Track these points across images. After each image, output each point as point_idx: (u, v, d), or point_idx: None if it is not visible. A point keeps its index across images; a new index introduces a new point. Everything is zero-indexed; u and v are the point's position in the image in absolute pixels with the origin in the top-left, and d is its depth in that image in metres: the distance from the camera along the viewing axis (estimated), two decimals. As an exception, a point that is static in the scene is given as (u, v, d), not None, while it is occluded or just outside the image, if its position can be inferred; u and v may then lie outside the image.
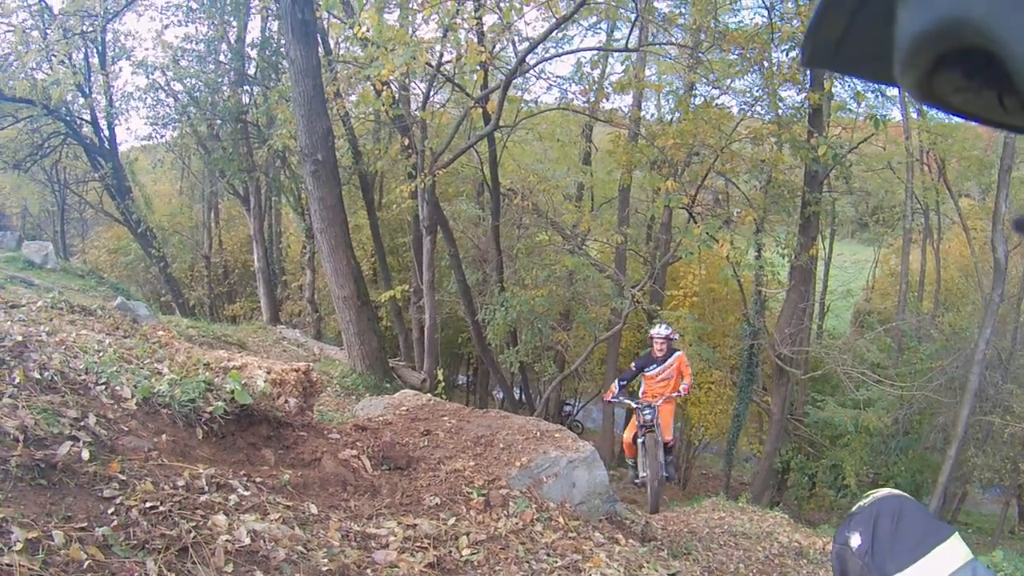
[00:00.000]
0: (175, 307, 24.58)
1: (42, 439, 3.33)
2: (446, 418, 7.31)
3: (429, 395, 9.43)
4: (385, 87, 14.63)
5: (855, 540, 1.68)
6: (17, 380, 3.86)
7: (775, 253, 17.78)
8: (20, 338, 4.51)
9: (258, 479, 4.21)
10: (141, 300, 14.12)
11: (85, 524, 2.94)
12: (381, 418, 7.46)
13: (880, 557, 1.63)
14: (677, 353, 10.18)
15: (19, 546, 2.59)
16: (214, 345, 10.75)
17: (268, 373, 5.61)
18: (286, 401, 5.63)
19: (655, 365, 10.04)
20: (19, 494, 2.93)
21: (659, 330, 10.09)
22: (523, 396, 22.38)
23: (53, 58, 20.36)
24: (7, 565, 2.47)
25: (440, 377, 14.33)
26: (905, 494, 1.73)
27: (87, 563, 2.69)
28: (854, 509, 1.78)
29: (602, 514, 6.41)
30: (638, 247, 23.43)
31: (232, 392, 4.93)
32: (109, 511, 3.09)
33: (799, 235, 17.17)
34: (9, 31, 19.60)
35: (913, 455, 22.20)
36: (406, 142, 16.78)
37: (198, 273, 30.78)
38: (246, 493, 3.94)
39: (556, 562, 4.72)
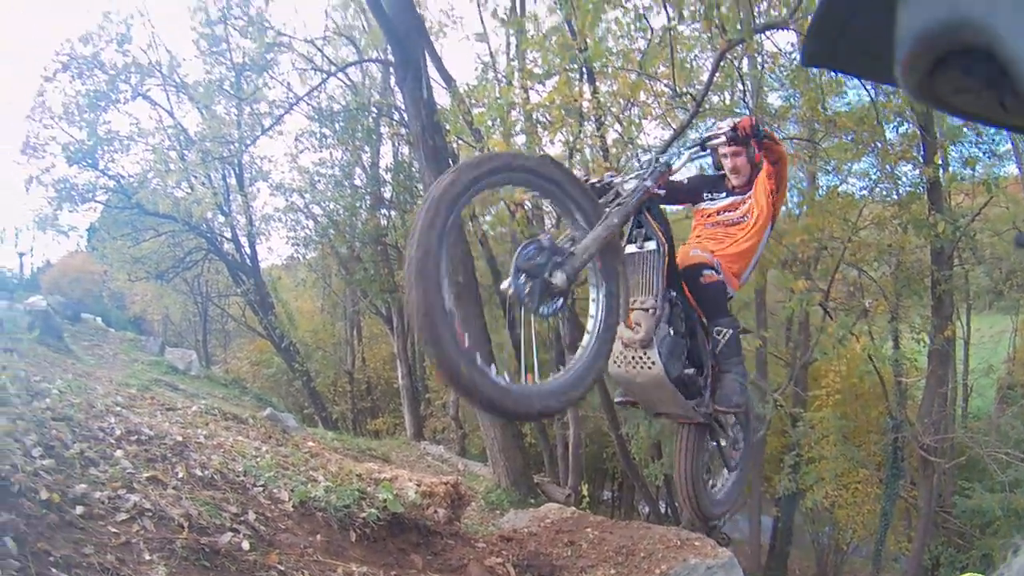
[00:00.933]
0: (318, 420, 25.04)
1: (204, 528, 3.85)
2: (589, 529, 7.48)
3: (573, 508, 9.55)
4: (518, 208, 15.11)
5: None
6: (180, 475, 4.40)
7: (911, 339, 17.36)
8: (180, 439, 5.09)
9: (407, 578, 4.56)
10: (287, 411, 14.72)
11: None
12: (526, 529, 7.69)
13: None
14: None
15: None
16: (359, 458, 11.18)
17: (418, 485, 6.03)
18: (435, 511, 6.01)
19: (722, 194, 5.24)
20: (184, 572, 3.37)
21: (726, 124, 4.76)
22: (668, 509, 22.10)
23: (193, 178, 21.76)
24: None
25: (584, 492, 14.35)
26: None
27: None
28: None
29: (741, 621, 6.43)
30: (778, 349, 23.12)
31: (384, 501, 5.35)
32: None
33: (932, 317, 16.75)
34: (148, 150, 21.17)
35: (1072, 537, 20.82)
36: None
37: (341, 388, 31.27)
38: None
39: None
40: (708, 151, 4.81)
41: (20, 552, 3.00)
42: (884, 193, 17.52)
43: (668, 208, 5.20)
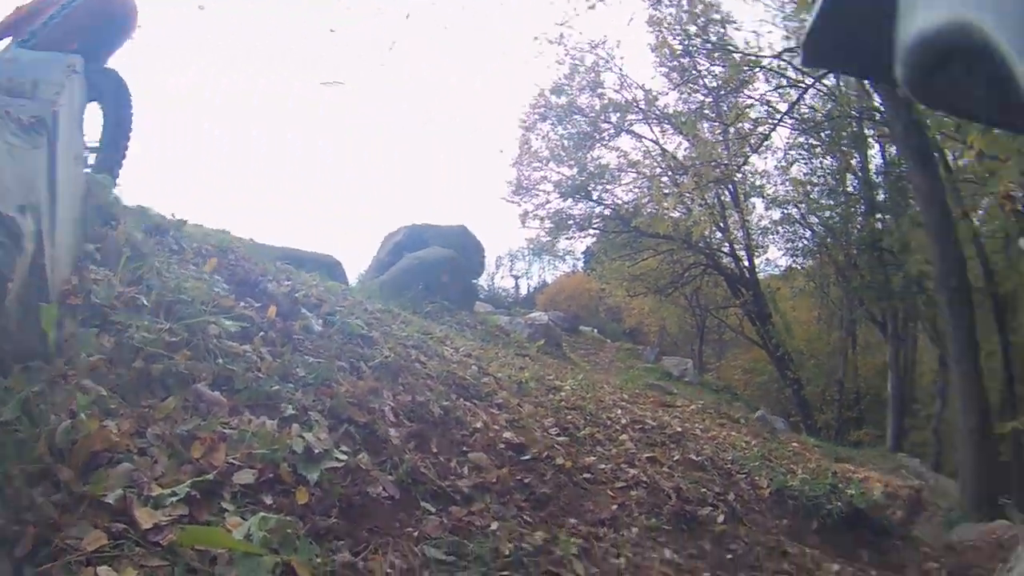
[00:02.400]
0: (803, 427, 24.95)
1: (689, 499, 4.65)
2: (1021, 547, 7.19)
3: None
4: (1007, 200, 14.30)
5: None
6: (677, 457, 5.35)
7: None
8: (679, 429, 6.07)
9: (850, 568, 4.96)
10: (778, 416, 15.00)
11: (707, 563, 4.14)
12: (971, 542, 7.55)
13: None
14: None
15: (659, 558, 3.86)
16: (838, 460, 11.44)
17: (885, 486, 6.35)
18: (894, 512, 6.27)
19: None
20: (665, 531, 4.20)
21: None
22: None
23: (688, 199, 22.89)
24: (647, 565, 3.73)
25: (1057, 522, 13.22)
26: None
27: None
28: None
29: None
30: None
31: (852, 496, 5.78)
32: (728, 557, 4.23)
33: None
34: (639, 178, 22.69)
35: None
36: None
37: (829, 397, 30.59)
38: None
39: None
40: None
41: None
42: None
43: None
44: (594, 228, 26.29)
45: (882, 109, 17.97)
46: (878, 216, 23.27)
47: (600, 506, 4.31)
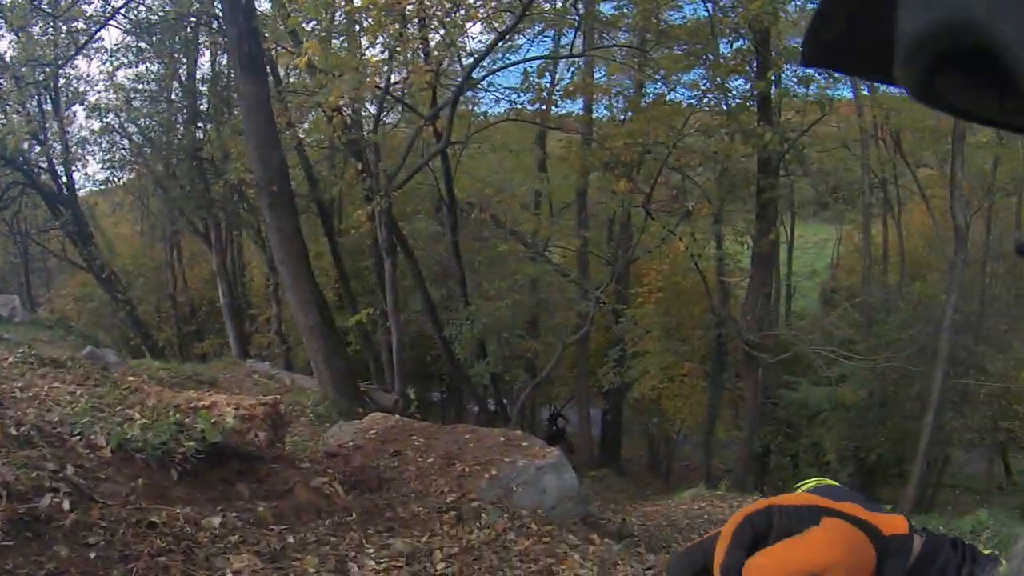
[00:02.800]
0: (144, 350, 24.20)
1: (24, 493, 3.50)
2: (415, 437, 7.41)
3: (398, 416, 9.49)
4: (336, 113, 14.71)
5: None
6: None
7: (735, 242, 17.99)
8: None
9: (234, 514, 4.35)
10: (110, 347, 14.08)
11: (74, 573, 3.11)
12: (351, 443, 7.56)
13: None
14: None
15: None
16: (185, 385, 10.76)
17: (236, 409, 5.75)
18: (256, 435, 5.76)
19: None
20: (8, 548, 3.10)
21: None
22: (497, 407, 22.47)
23: (7, 108, 20.32)
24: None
25: (413, 396, 14.39)
26: (835, 483, 1.69)
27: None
28: None
29: (575, 516, 6.46)
30: (599, 249, 23.56)
31: (203, 431, 5.05)
32: (92, 556, 3.27)
33: (757, 222, 17.37)
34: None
35: (892, 426, 22.31)
36: (360, 166, 16.89)
37: (165, 313, 30.43)
38: (223, 529, 4.09)
39: (530, 568, 4.84)
40: None
41: None
42: (712, 103, 17.84)
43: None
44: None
45: (220, 14, 17.35)
46: (199, 125, 22.91)
47: None
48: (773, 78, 15.91)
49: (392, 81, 16.87)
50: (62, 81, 21.48)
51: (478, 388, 20.70)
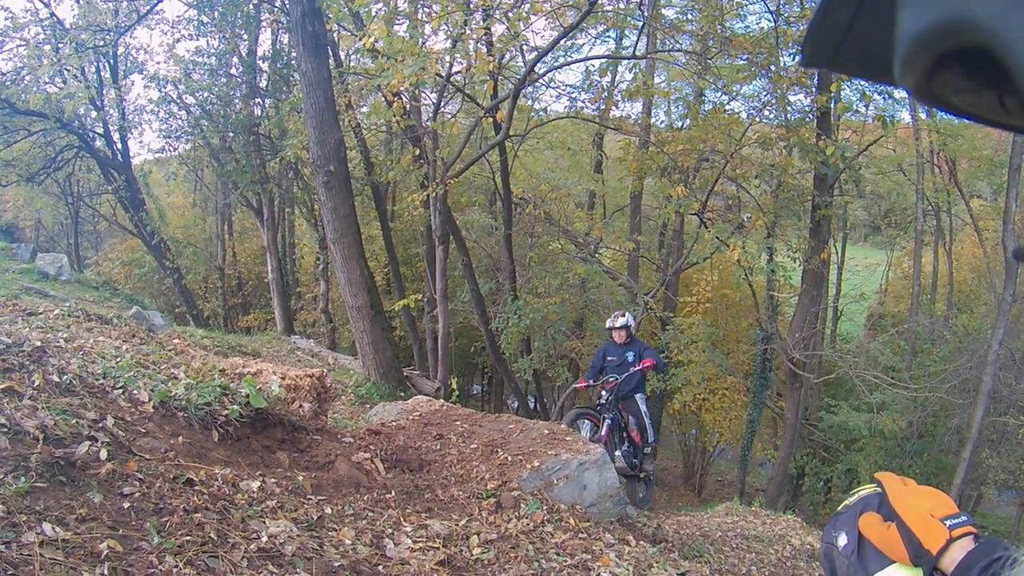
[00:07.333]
0: (189, 318, 24.60)
1: (61, 439, 3.43)
2: (459, 423, 7.35)
3: (443, 401, 9.45)
4: (396, 98, 14.65)
5: (842, 539, 1.56)
6: (36, 383, 3.94)
7: (787, 257, 17.73)
8: (39, 343, 4.60)
9: (272, 480, 4.28)
10: (156, 311, 14.20)
11: (105, 520, 3.03)
12: (394, 423, 7.51)
13: (864, 555, 1.58)
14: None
15: (40, 539, 2.67)
16: (228, 354, 10.78)
17: (283, 379, 5.69)
18: (300, 406, 5.72)
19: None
20: (40, 490, 3.02)
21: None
22: (537, 404, 22.37)
23: (66, 72, 20.55)
24: (28, 555, 2.56)
25: (454, 386, 14.34)
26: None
27: (105, 555, 2.77)
28: (840, 508, 1.71)
29: (613, 516, 6.39)
30: (651, 254, 23.39)
31: (247, 396, 5.00)
32: (126, 506, 3.19)
33: (810, 239, 17.06)
34: (22, 45, 19.71)
35: (928, 458, 22.01)
36: (417, 152, 16.93)
37: (212, 285, 30.80)
38: (261, 493, 4.02)
39: (566, 561, 4.75)
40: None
41: None
42: (771, 115, 17.59)
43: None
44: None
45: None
46: (257, 101, 23.07)
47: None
48: (833, 93, 15.65)
49: (454, 70, 16.86)
50: (121, 50, 21.89)
51: (520, 383, 20.63)
